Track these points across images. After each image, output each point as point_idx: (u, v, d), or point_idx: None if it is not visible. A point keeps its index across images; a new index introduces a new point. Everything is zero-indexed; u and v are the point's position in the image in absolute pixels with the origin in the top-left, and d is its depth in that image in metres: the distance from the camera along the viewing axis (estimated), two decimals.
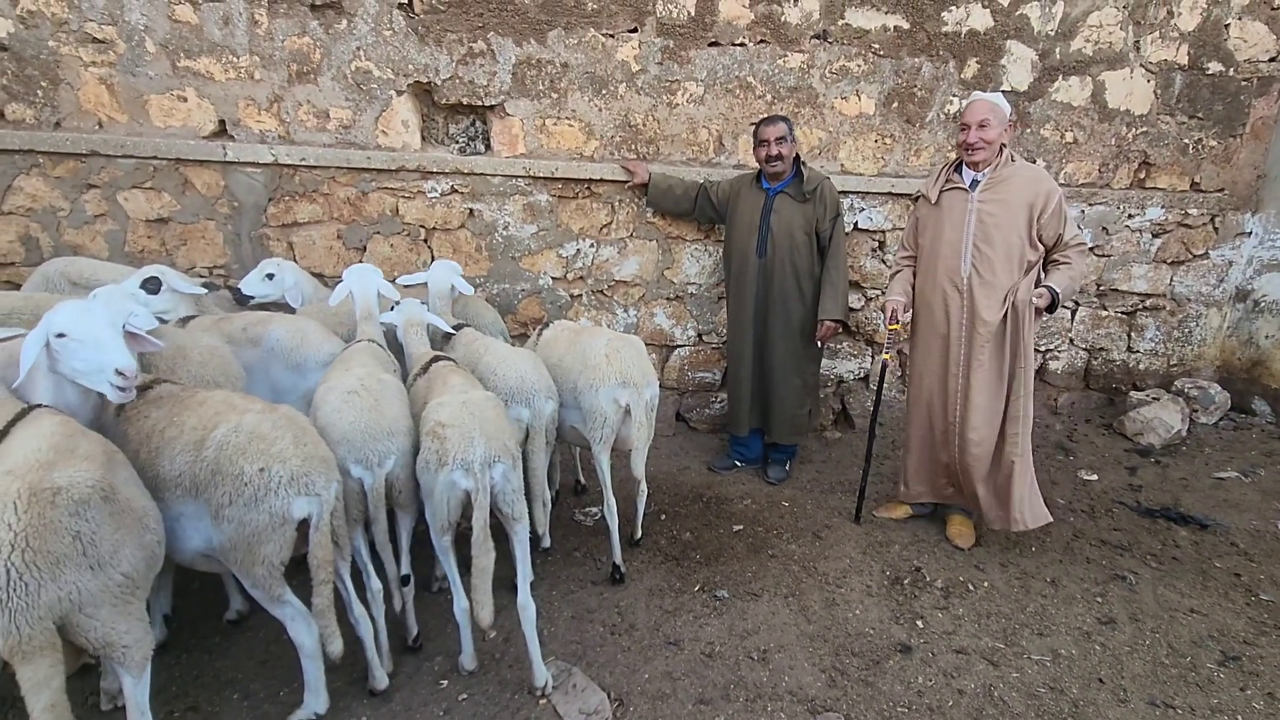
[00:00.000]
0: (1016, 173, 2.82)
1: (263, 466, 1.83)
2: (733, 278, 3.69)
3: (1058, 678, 2.40)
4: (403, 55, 3.63)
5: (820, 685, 2.34)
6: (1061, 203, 2.81)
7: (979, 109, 2.78)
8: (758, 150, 3.44)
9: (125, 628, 1.60)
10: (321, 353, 2.69)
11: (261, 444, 1.85)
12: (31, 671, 1.44)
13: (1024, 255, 2.85)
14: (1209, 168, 4.51)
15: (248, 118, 3.63)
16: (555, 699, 2.21)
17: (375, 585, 2.22)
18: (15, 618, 1.41)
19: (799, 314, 3.56)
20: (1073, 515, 3.49)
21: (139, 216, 3.65)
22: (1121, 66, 4.23)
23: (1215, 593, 2.88)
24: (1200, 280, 4.70)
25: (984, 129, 2.77)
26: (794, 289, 3.53)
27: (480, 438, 2.09)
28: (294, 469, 1.86)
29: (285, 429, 1.92)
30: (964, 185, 2.89)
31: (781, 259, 3.48)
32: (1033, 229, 2.81)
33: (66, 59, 3.44)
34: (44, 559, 1.44)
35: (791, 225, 3.44)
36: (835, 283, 3.48)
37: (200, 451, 1.85)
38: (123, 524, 1.62)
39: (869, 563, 3.03)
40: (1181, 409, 4.39)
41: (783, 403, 3.67)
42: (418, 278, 3.20)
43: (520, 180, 3.88)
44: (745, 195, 3.59)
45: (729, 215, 3.67)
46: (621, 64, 3.82)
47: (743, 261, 3.58)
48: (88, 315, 1.86)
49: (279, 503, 1.83)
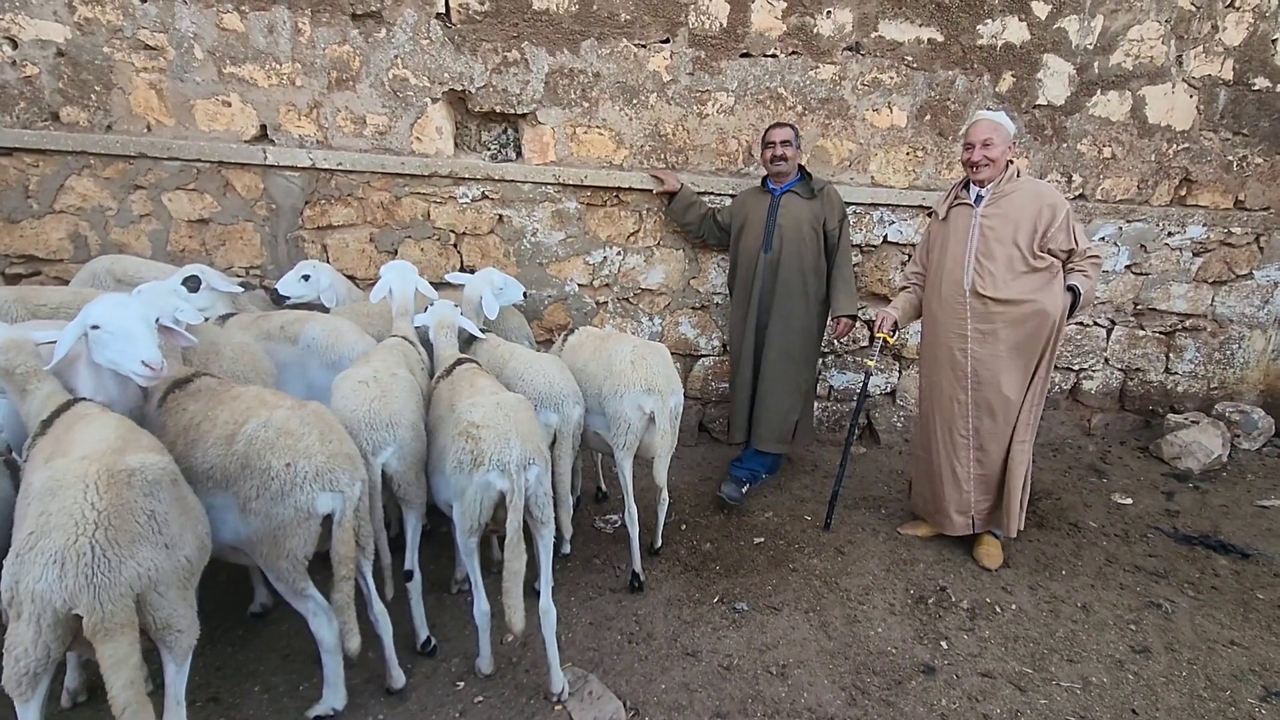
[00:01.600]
0: (1020, 188, 2.87)
1: (289, 461, 1.87)
2: (737, 282, 3.68)
3: (1088, 706, 2.32)
4: (439, 64, 3.71)
5: (840, 704, 2.29)
6: (1069, 217, 2.82)
7: (982, 129, 2.86)
8: (764, 152, 3.52)
9: (183, 612, 1.64)
10: (356, 350, 2.74)
11: (289, 439, 1.89)
12: (112, 649, 1.47)
13: (1023, 262, 2.85)
14: (1254, 185, 4.38)
15: (288, 123, 3.73)
16: (571, 705, 2.20)
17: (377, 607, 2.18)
18: (99, 594, 1.45)
19: (800, 313, 3.53)
20: (1105, 539, 3.38)
21: (181, 217, 3.76)
22: (1163, 81, 4.14)
23: (1257, 625, 2.76)
24: (1244, 301, 4.55)
25: (987, 147, 2.83)
26: (799, 285, 3.50)
27: (516, 439, 2.10)
28: (319, 465, 1.89)
29: (313, 425, 1.95)
30: (970, 201, 2.96)
31: (789, 253, 3.47)
32: (1035, 241, 2.82)
33: (119, 65, 3.57)
34: (124, 536, 1.49)
35: (799, 220, 3.46)
36: (848, 280, 3.53)
37: (231, 445, 1.89)
38: (185, 509, 1.69)
39: (892, 580, 2.97)
40: (1222, 433, 4.24)
41: (773, 406, 3.56)
42: (461, 278, 3.24)
43: (550, 187, 3.92)
44: (751, 201, 3.63)
45: (736, 225, 3.67)
46: (653, 74, 3.85)
47: (749, 259, 3.56)
48: (121, 309, 1.93)
49: (304, 498, 1.87)
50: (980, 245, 2.90)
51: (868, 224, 4.15)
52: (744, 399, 3.64)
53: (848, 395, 4.43)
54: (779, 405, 3.57)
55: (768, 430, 3.59)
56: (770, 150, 3.47)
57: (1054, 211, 2.80)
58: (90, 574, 1.44)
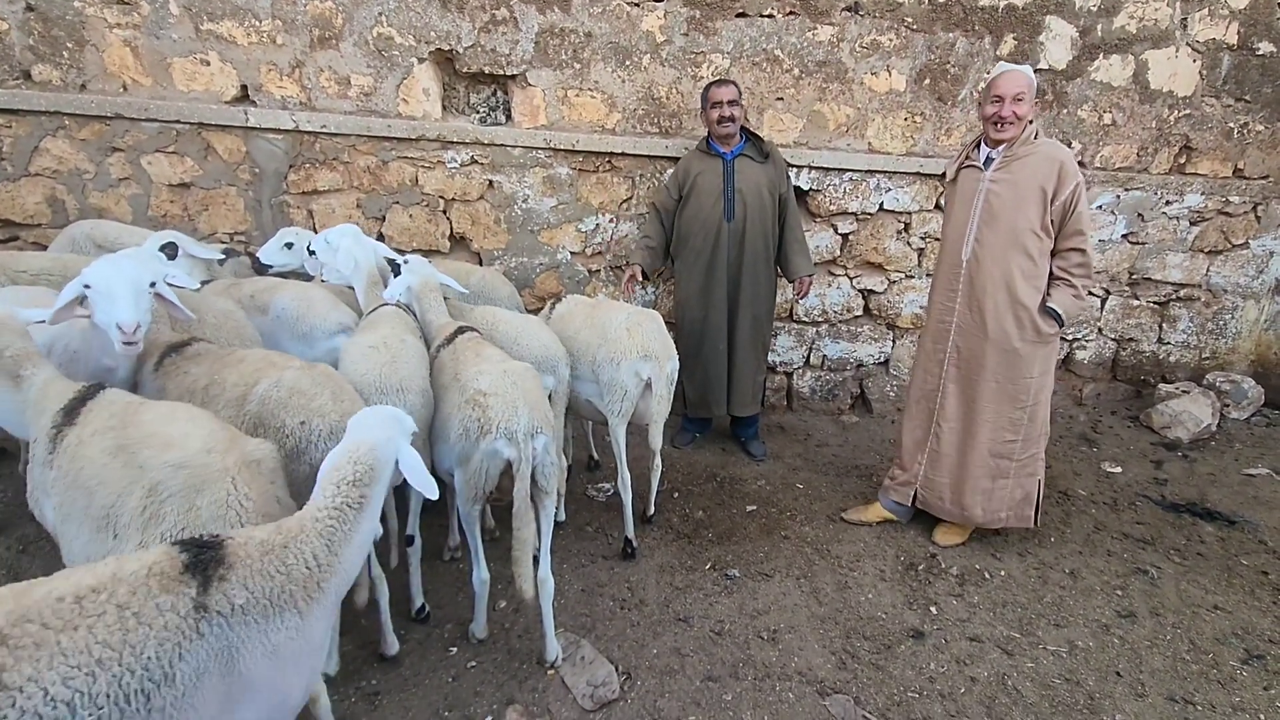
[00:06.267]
0: (1036, 150, 2.60)
1: (303, 420, 1.86)
2: (691, 250, 3.52)
3: (1074, 669, 2.36)
4: (425, 22, 3.58)
5: (830, 667, 2.32)
6: (1079, 193, 2.57)
7: (1015, 80, 2.56)
8: (709, 112, 3.36)
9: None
10: (328, 322, 2.65)
11: (302, 399, 1.89)
12: None
13: (1029, 243, 2.62)
14: (1254, 153, 4.33)
15: (269, 83, 3.61)
16: (563, 670, 2.22)
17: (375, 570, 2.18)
18: None
19: (764, 278, 3.55)
20: (1094, 507, 3.41)
21: (162, 181, 3.66)
22: (1166, 45, 4.06)
23: (1241, 590, 2.80)
24: (1239, 271, 4.54)
25: (1019, 102, 2.55)
26: (763, 251, 3.50)
27: (524, 407, 2.08)
28: (333, 423, 1.88)
29: (324, 385, 1.95)
30: (979, 164, 2.72)
31: (752, 220, 3.41)
32: (1045, 213, 2.59)
33: (92, 20, 3.43)
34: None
35: (759, 185, 3.40)
36: (803, 241, 3.60)
37: (243, 406, 1.88)
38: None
39: (883, 547, 2.99)
40: (1212, 403, 4.26)
41: (746, 373, 3.61)
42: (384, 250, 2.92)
43: (541, 152, 3.83)
44: (699, 166, 3.45)
45: (688, 192, 3.49)
46: (646, 34, 3.74)
47: (708, 229, 3.44)
48: (113, 269, 1.90)
49: (318, 455, 1.84)
50: (984, 213, 2.67)
51: (864, 191, 4.08)
52: (719, 371, 3.61)
53: (841, 365, 4.41)
54: (750, 370, 3.63)
55: (741, 397, 3.65)
56: (717, 110, 3.31)
57: (1062, 180, 2.55)
58: None
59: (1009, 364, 2.75)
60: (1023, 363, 2.74)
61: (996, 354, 2.75)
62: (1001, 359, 2.75)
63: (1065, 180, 2.56)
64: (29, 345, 1.81)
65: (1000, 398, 2.79)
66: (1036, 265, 2.67)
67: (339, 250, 2.72)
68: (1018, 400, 2.78)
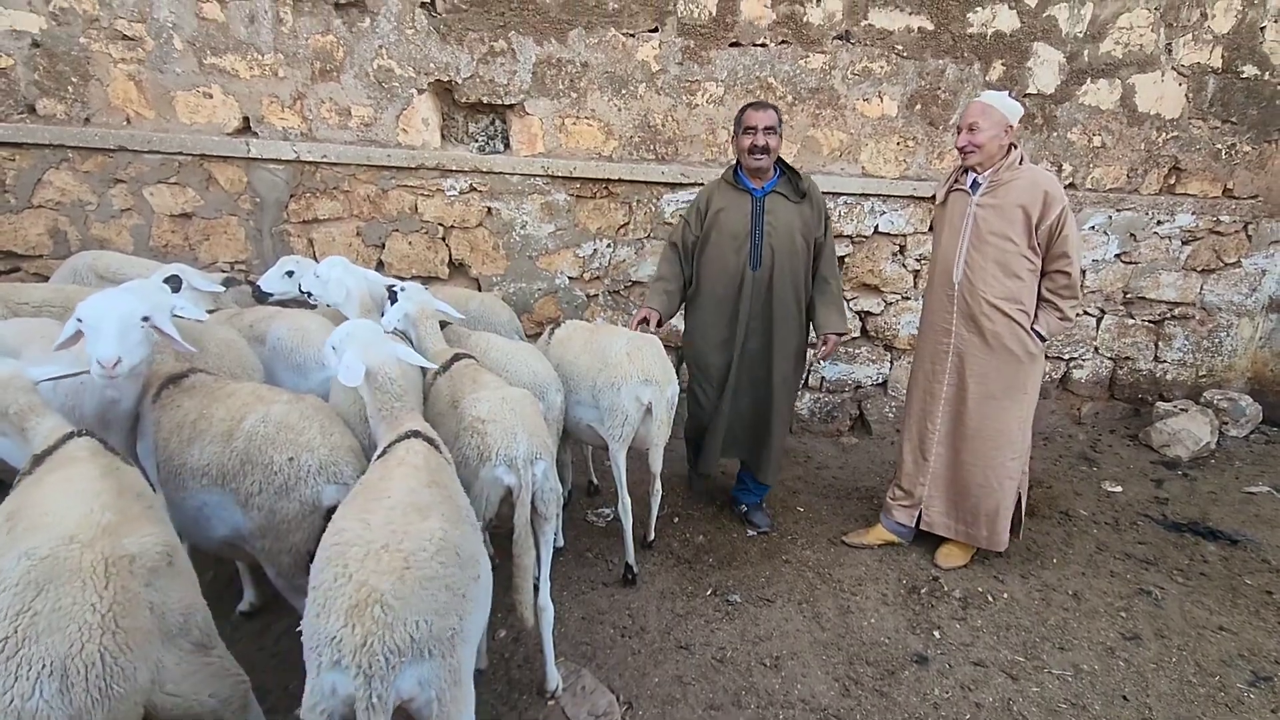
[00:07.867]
0: (1019, 176, 2.68)
1: (292, 456, 1.85)
2: (706, 295, 3.05)
3: (1080, 694, 2.33)
4: (424, 54, 3.65)
5: (833, 694, 2.30)
6: (1065, 216, 2.64)
7: (971, 111, 2.71)
8: (741, 139, 2.87)
9: (211, 689, 1.46)
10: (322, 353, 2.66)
11: (290, 433, 1.87)
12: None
13: (1017, 264, 2.71)
14: (1242, 173, 4.40)
15: (271, 115, 3.67)
16: (564, 700, 2.19)
17: None
18: (114, 708, 1.23)
19: (794, 333, 3.06)
20: (1096, 527, 3.40)
21: (164, 211, 3.70)
22: (1152, 69, 4.14)
23: (1246, 610, 2.79)
24: (1232, 289, 4.58)
25: (973, 132, 2.67)
26: (793, 305, 3.02)
27: (523, 434, 2.08)
28: (322, 458, 1.87)
29: (313, 418, 1.93)
30: (966, 188, 2.80)
31: (781, 269, 2.94)
32: (1031, 236, 2.68)
33: (97, 55, 3.50)
34: (134, 638, 1.27)
35: (790, 229, 2.93)
36: (837, 293, 3.09)
37: (230, 442, 1.87)
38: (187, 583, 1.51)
39: (885, 571, 2.98)
40: (1211, 421, 4.27)
41: (777, 435, 3.14)
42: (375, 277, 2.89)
43: (538, 179, 3.87)
44: (723, 201, 2.97)
45: (708, 228, 3.01)
46: (641, 64, 3.81)
47: (730, 277, 2.97)
48: (103, 304, 1.90)
49: (309, 492, 1.84)
50: (973, 237, 2.75)
51: (859, 214, 4.13)
52: (723, 424, 3.11)
53: (839, 386, 4.43)
54: (780, 434, 3.16)
55: (772, 462, 3.17)
56: (750, 137, 2.83)
57: (1047, 204, 2.62)
58: (104, 686, 1.22)
59: (1008, 381, 2.81)
60: (1020, 379, 2.81)
61: (996, 372, 2.81)
62: (1001, 377, 2.81)
63: (1050, 206, 2.64)
64: (34, 399, 1.77)
65: (1000, 414, 2.84)
66: (1026, 284, 2.75)
67: (329, 282, 2.70)
68: (1017, 416, 2.84)
